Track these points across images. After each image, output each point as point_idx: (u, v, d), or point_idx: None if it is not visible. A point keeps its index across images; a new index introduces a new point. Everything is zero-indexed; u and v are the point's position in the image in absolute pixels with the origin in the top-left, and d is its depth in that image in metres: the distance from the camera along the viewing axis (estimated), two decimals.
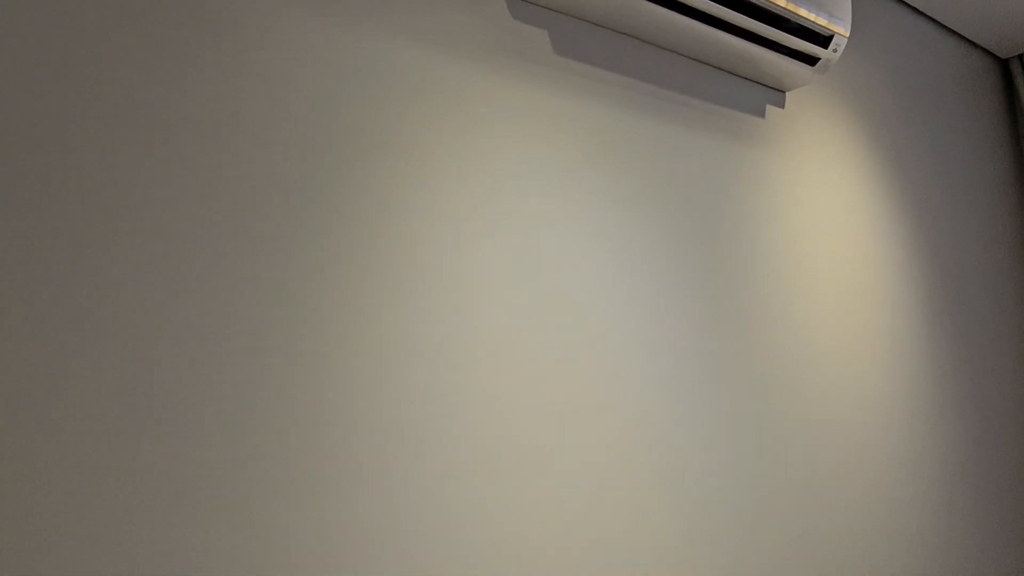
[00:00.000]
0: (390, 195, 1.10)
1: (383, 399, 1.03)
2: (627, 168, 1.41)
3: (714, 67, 1.67)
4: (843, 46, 1.67)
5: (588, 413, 1.24)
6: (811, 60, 1.68)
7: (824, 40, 1.65)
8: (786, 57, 1.66)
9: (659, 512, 1.30)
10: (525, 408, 1.17)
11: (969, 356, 2.15)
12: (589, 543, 1.20)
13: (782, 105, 1.79)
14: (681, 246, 1.46)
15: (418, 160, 1.14)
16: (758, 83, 1.76)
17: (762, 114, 1.73)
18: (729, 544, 1.40)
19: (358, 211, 1.06)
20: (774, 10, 1.54)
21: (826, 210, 1.83)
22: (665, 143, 1.49)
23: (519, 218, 1.23)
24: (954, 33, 2.60)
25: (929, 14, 2.49)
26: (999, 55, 2.81)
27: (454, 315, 1.12)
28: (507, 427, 1.14)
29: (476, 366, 1.13)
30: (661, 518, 1.30)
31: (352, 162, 1.07)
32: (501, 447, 1.13)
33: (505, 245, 1.21)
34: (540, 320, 1.22)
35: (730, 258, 1.55)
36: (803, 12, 1.59)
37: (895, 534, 1.74)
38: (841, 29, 1.66)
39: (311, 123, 1.05)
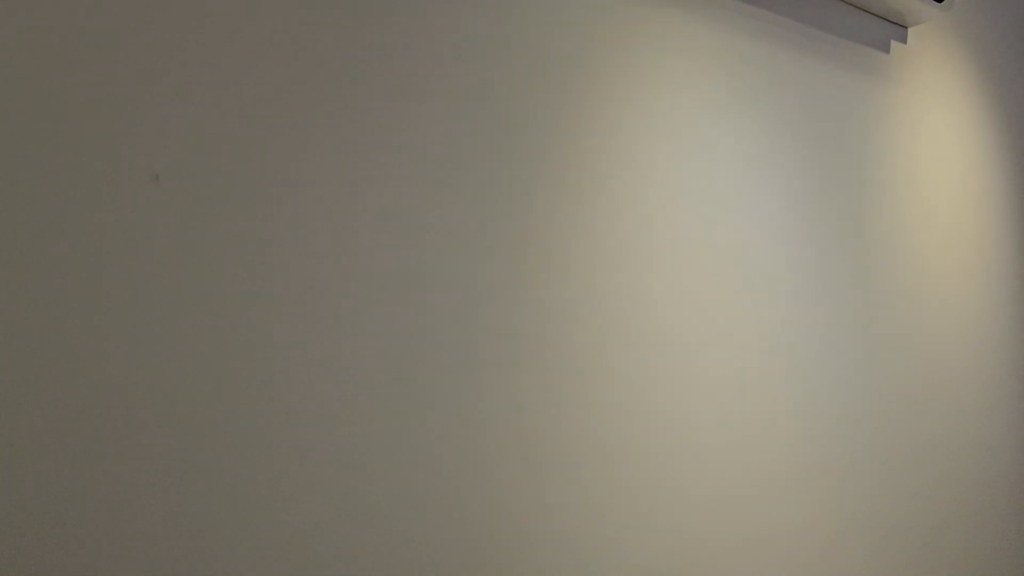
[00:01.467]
0: (592, 116, 1.25)
1: (583, 287, 1.21)
2: (768, 95, 1.54)
3: (842, 1, 1.75)
4: None
5: (736, 308, 1.42)
6: None
7: None
8: None
9: (790, 394, 1.48)
10: (693, 299, 1.35)
11: None
12: (740, 408, 1.40)
13: (904, 40, 1.87)
14: (813, 173, 1.60)
15: (611, 86, 1.28)
16: (883, 18, 1.84)
17: (886, 49, 1.81)
18: (851, 432, 1.58)
19: (570, 127, 1.22)
20: None
21: (942, 147, 1.93)
22: (799, 75, 1.61)
23: (685, 141, 1.38)
24: None
25: None
26: None
27: (635, 218, 1.29)
28: (679, 312, 1.32)
29: (649, 264, 1.30)
30: (796, 398, 1.49)
31: (562, 85, 1.22)
32: (676, 329, 1.31)
33: (673, 165, 1.36)
34: (703, 227, 1.38)
35: (855, 187, 1.68)
36: None
37: (991, 444, 1.91)
38: None
39: (535, 50, 1.19)
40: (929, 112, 1.91)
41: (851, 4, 1.77)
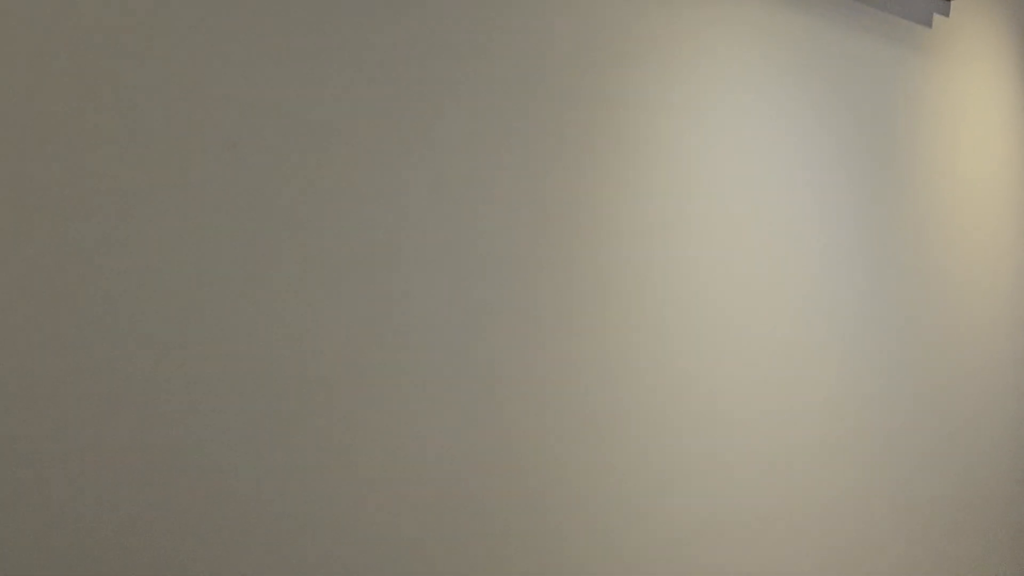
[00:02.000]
0: (638, 92, 1.29)
1: (634, 261, 1.26)
2: (809, 69, 1.55)
3: None
4: None
5: (773, 277, 1.45)
6: None
7: None
8: None
9: (823, 345, 1.52)
10: (739, 271, 1.41)
11: None
12: (774, 355, 1.45)
13: (947, 14, 1.86)
14: (853, 148, 1.61)
15: (642, 63, 1.31)
16: None
17: (928, 23, 1.81)
18: (878, 382, 1.61)
19: (619, 108, 1.25)
20: None
21: (984, 122, 1.93)
22: (840, 48, 1.61)
23: (728, 116, 1.41)
24: None
25: None
26: None
27: (680, 193, 1.33)
28: (726, 284, 1.37)
29: (696, 237, 1.34)
30: (827, 350, 1.52)
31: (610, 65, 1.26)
32: (725, 299, 1.36)
33: (714, 138, 1.39)
34: (741, 200, 1.42)
35: (893, 162, 1.69)
36: None
37: (1009, 404, 1.94)
38: None
39: (583, 33, 1.23)
40: (971, 87, 1.91)
41: None
